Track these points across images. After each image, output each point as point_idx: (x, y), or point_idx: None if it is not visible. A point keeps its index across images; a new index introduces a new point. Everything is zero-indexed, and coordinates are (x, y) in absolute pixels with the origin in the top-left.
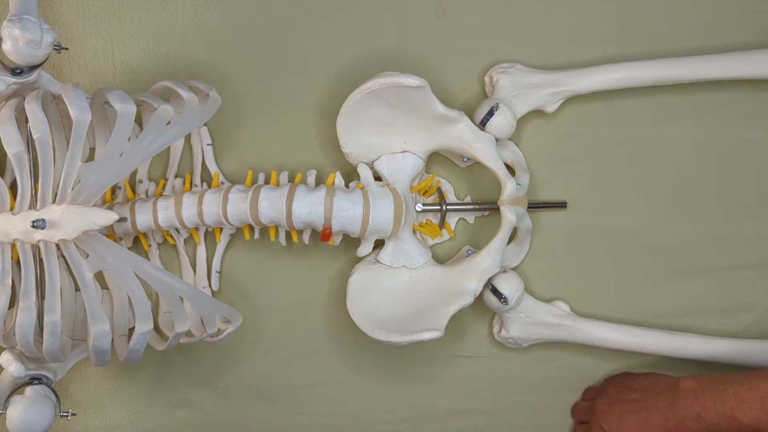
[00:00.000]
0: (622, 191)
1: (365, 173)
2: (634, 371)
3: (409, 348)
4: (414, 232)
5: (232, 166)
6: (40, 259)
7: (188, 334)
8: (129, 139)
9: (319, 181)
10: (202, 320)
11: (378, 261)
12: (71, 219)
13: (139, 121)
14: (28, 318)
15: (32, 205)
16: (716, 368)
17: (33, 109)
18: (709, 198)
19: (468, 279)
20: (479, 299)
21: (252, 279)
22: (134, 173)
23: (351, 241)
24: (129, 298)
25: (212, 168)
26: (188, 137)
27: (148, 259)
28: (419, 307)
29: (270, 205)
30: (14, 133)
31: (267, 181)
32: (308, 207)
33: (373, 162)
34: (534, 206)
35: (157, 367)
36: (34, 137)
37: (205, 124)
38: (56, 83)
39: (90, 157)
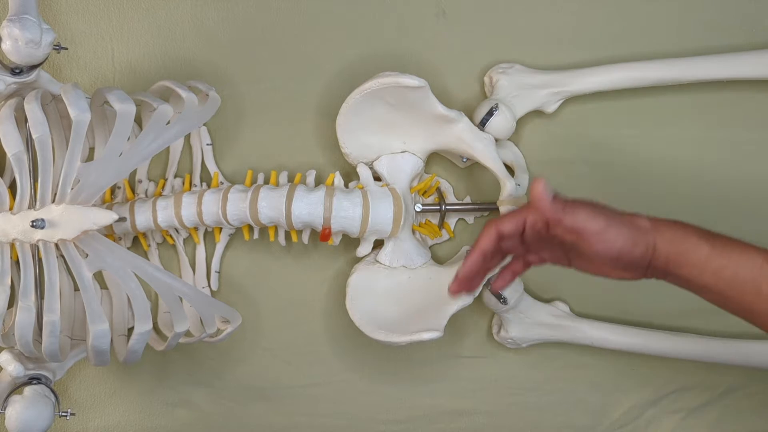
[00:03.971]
0: (622, 191)
1: (365, 173)
2: None
3: (409, 348)
4: (413, 232)
5: (232, 166)
6: (40, 259)
7: (187, 334)
8: (128, 139)
9: (319, 182)
10: (201, 320)
11: (377, 261)
12: (70, 219)
13: (138, 121)
14: (27, 318)
15: (31, 205)
16: (717, 369)
17: (32, 109)
18: (708, 198)
19: None
20: (479, 299)
21: (251, 279)
22: (134, 173)
23: (350, 242)
24: (128, 298)
25: (212, 168)
26: (188, 137)
27: (148, 259)
28: (418, 307)
29: (269, 205)
30: (14, 132)
31: (266, 181)
32: (308, 207)
33: (372, 162)
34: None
35: (156, 367)
36: (34, 137)
37: (204, 124)
38: (56, 83)
39: (89, 157)
